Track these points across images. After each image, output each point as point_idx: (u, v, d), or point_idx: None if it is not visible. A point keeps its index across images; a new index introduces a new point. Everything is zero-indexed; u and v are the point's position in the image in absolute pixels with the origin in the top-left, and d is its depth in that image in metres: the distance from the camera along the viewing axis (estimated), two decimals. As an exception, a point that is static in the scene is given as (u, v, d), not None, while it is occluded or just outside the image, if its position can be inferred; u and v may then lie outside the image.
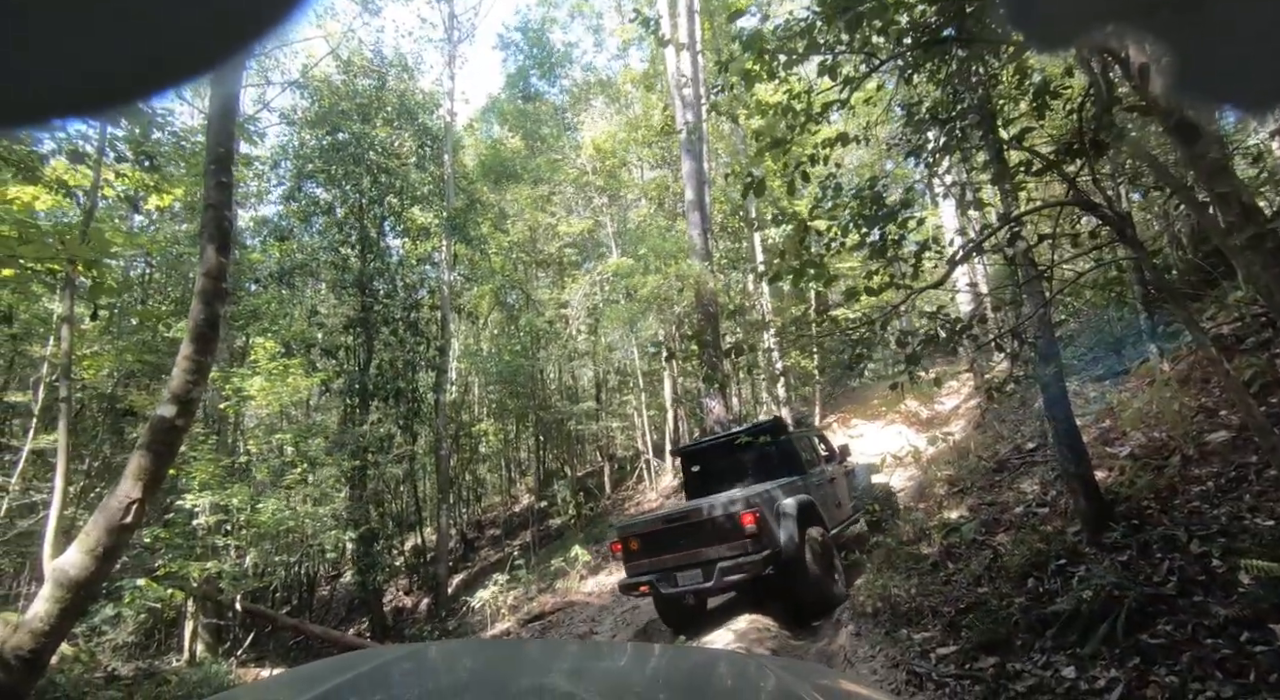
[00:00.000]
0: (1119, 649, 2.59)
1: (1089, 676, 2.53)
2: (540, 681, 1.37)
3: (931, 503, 6.76)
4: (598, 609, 8.33)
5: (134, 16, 0.26)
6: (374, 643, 13.26)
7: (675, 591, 5.69)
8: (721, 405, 12.00)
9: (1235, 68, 0.30)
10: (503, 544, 18.56)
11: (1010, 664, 2.86)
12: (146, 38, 0.26)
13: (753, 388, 21.22)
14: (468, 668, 1.54)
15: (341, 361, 14.27)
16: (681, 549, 5.63)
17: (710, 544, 5.47)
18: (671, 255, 11.57)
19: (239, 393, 7.29)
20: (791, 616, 5.44)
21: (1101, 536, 3.57)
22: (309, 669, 1.79)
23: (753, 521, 5.27)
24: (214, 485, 6.99)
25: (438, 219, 15.78)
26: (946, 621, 3.63)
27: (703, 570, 5.43)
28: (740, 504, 5.44)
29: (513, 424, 19.24)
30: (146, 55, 0.27)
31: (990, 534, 5.08)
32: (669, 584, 5.67)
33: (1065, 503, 4.81)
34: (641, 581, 5.86)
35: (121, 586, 6.16)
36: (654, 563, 5.83)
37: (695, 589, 5.57)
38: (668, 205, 17.42)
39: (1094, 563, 3.40)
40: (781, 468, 6.50)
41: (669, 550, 5.72)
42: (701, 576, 5.42)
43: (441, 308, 15.68)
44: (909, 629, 3.80)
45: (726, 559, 5.30)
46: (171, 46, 0.27)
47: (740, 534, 5.30)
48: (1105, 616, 2.73)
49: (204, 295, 3.84)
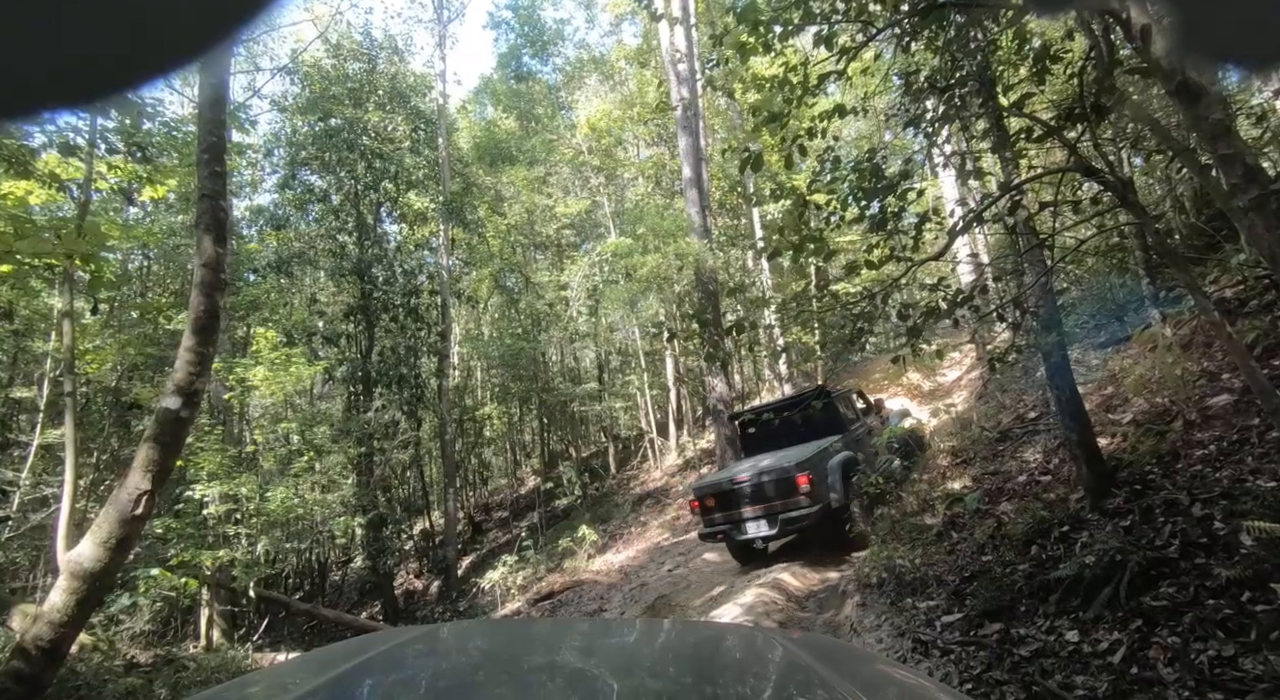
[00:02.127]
0: (1122, 612, 2.62)
1: (1092, 640, 2.56)
2: (552, 660, 1.38)
3: (935, 474, 6.80)
4: (606, 587, 8.44)
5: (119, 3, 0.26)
6: (386, 625, 13.48)
7: (745, 538, 6.89)
8: (724, 383, 12.02)
9: (1238, 26, 0.29)
10: (510, 526, 18.76)
11: (1014, 629, 2.90)
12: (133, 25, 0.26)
13: (754, 365, 21.25)
14: (480, 648, 1.55)
15: (343, 349, 14.28)
16: (749, 504, 6.76)
17: (773, 500, 6.55)
18: (670, 233, 11.51)
19: (243, 383, 7.31)
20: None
21: (1104, 503, 3.60)
22: (324, 652, 1.81)
23: (807, 482, 6.30)
24: (222, 475, 7.04)
25: (434, 203, 15.68)
26: (951, 590, 3.67)
27: (768, 521, 6.58)
28: (796, 467, 6.41)
29: (516, 407, 19.31)
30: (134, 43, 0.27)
31: (994, 503, 5.12)
32: (740, 532, 6.88)
33: (1068, 470, 4.84)
34: (718, 531, 7.07)
35: (136, 576, 6.25)
36: (726, 515, 6.96)
37: (762, 536, 6.75)
38: (665, 184, 17.28)
39: (1096, 528, 3.43)
40: (827, 427, 7.29)
41: (738, 505, 6.86)
42: (767, 526, 6.59)
43: (441, 293, 15.64)
44: (914, 598, 3.85)
45: (787, 512, 6.38)
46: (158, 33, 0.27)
47: (797, 491, 6.34)
48: (1108, 581, 2.76)
49: (203, 286, 3.83)
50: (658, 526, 11.22)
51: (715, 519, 7.08)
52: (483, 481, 25.14)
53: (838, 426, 7.35)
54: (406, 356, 14.84)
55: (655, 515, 12.12)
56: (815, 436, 7.17)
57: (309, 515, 8.05)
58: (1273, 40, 0.30)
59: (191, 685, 4.81)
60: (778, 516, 6.44)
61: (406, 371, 14.37)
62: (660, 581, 7.65)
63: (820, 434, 7.18)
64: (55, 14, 0.24)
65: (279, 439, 7.99)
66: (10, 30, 0.25)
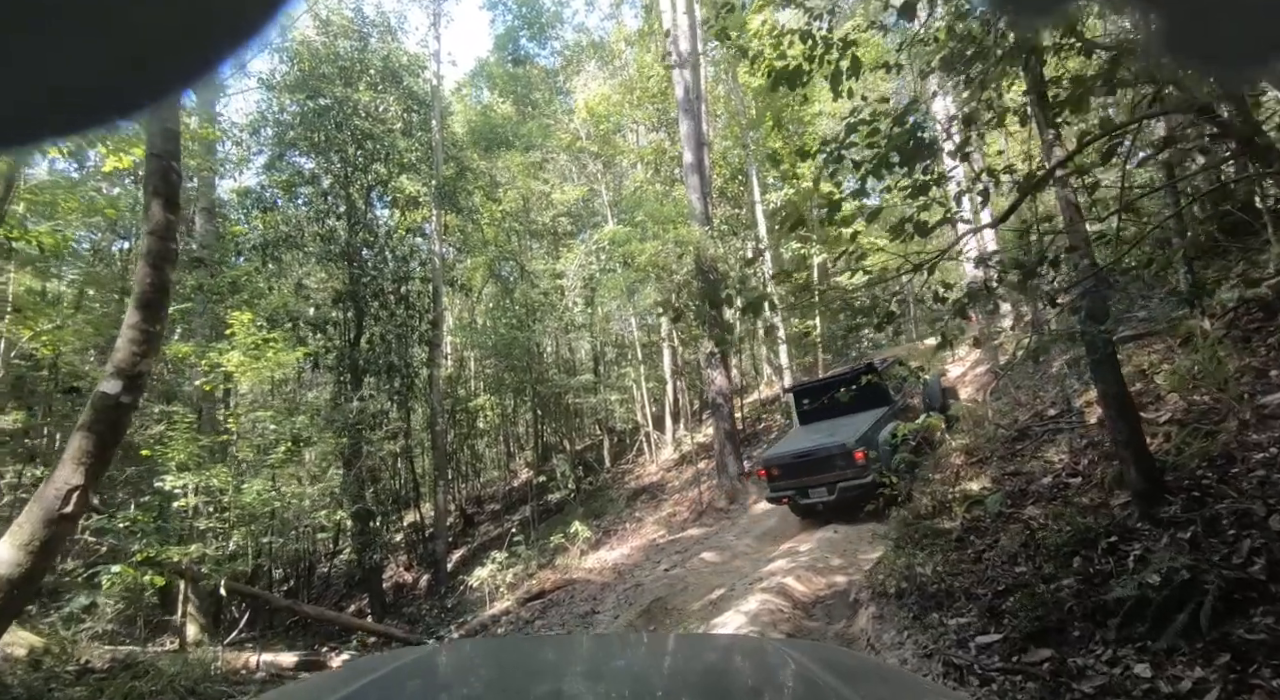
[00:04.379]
0: (1202, 644, 2.25)
1: (1169, 676, 2.19)
2: (559, 687, 1.33)
3: (948, 473, 6.43)
4: (599, 587, 8.08)
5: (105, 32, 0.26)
6: (371, 621, 13.11)
7: (808, 502, 7.89)
8: (724, 376, 11.65)
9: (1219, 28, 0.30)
10: (502, 519, 18.39)
11: (1069, 658, 2.53)
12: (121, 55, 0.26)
13: (753, 359, 20.88)
14: (482, 674, 1.48)
15: (331, 336, 13.83)
16: (810, 474, 7.71)
17: (832, 470, 7.46)
18: (670, 220, 11.09)
19: (216, 368, 6.88)
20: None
21: (1156, 511, 3.22)
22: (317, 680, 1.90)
23: (862, 457, 7.20)
24: (192, 466, 6.63)
25: (427, 188, 15.19)
26: (984, 606, 3.30)
27: (827, 488, 7.53)
28: (854, 444, 7.31)
29: (510, 398, 18.89)
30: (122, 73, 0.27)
31: (1018, 507, 4.75)
32: (803, 497, 7.90)
33: (1101, 473, 4.47)
34: (783, 496, 8.15)
35: (98, 573, 5.84)
36: (790, 483, 8.00)
37: (822, 501, 7.68)
38: (665, 171, 16.82)
39: (1150, 540, 3.06)
40: (876, 399, 7.99)
41: (801, 475, 7.85)
42: (827, 492, 7.55)
43: (433, 280, 15.19)
44: (940, 613, 3.47)
45: (845, 481, 7.26)
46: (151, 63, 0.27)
47: (854, 464, 7.25)
48: (1180, 605, 2.39)
49: (151, 257, 3.41)
50: (653, 523, 10.87)
51: (780, 485, 8.14)
52: (475, 474, 24.76)
53: (885, 398, 8.08)
54: (397, 345, 14.41)
55: (651, 511, 11.76)
56: (866, 408, 7.95)
57: (287, 508, 7.62)
58: (1254, 42, 0.30)
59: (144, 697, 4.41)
60: (836, 485, 7.36)
61: (396, 360, 13.94)
62: (656, 582, 7.29)
63: (871, 406, 7.93)
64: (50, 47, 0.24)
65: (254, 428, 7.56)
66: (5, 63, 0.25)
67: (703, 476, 11.68)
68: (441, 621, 11.11)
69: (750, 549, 8.27)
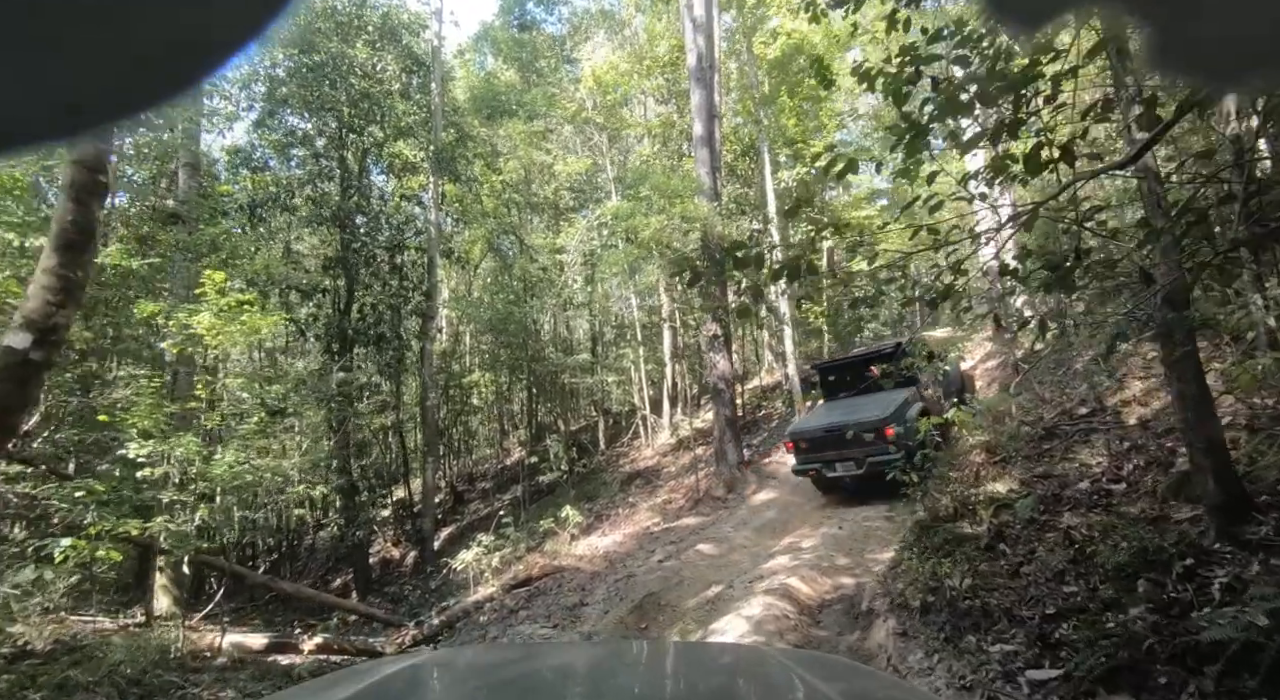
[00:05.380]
0: (1341, 708, 1.82)
1: (1300, 749, 1.76)
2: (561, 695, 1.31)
3: (968, 472, 5.99)
4: (589, 576, 7.67)
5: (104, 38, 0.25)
6: (355, 598, 12.76)
7: (835, 475, 8.12)
8: (726, 360, 11.19)
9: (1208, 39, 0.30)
10: (493, 498, 18.03)
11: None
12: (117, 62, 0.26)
13: (754, 345, 20.41)
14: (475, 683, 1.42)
15: (320, 305, 13.31)
16: (838, 448, 7.78)
17: (862, 445, 7.48)
18: (677, 194, 10.52)
19: (185, 330, 6.37)
20: None
21: (1240, 530, 2.77)
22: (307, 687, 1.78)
23: (893, 433, 7.40)
24: (156, 433, 6.15)
25: (425, 153, 14.56)
26: (1032, 631, 2.85)
27: (855, 462, 7.73)
28: (885, 420, 7.50)
29: (505, 375, 18.41)
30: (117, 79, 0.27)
31: (1052, 513, 4.31)
32: (829, 470, 8.11)
33: (1152, 481, 4.02)
34: (810, 469, 8.33)
35: (47, 545, 5.40)
36: (817, 456, 8.19)
37: (850, 475, 7.92)
38: (673, 145, 16.19)
39: (1236, 565, 2.61)
40: (900, 379, 7.98)
41: (829, 448, 7.99)
42: (855, 466, 7.77)
43: (428, 250, 14.61)
44: (978, 636, 3.03)
45: (874, 456, 7.35)
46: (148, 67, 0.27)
47: (885, 440, 7.43)
48: (1303, 653, 1.95)
49: (74, 189, 2.90)
50: (647, 509, 10.46)
51: (808, 458, 8.28)
52: (468, 451, 24.40)
53: (911, 378, 8.09)
54: (388, 316, 13.89)
55: (645, 497, 11.36)
56: (892, 387, 8.05)
57: (260, 482, 7.17)
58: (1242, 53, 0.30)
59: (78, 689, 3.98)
60: (866, 459, 7.49)
61: (387, 331, 13.43)
62: (649, 574, 6.88)
63: (897, 385, 8.00)
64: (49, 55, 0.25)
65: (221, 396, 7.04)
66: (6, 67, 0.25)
67: (700, 463, 11.26)
68: (425, 602, 10.74)
69: (749, 542, 7.86)
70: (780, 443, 12.60)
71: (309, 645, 7.20)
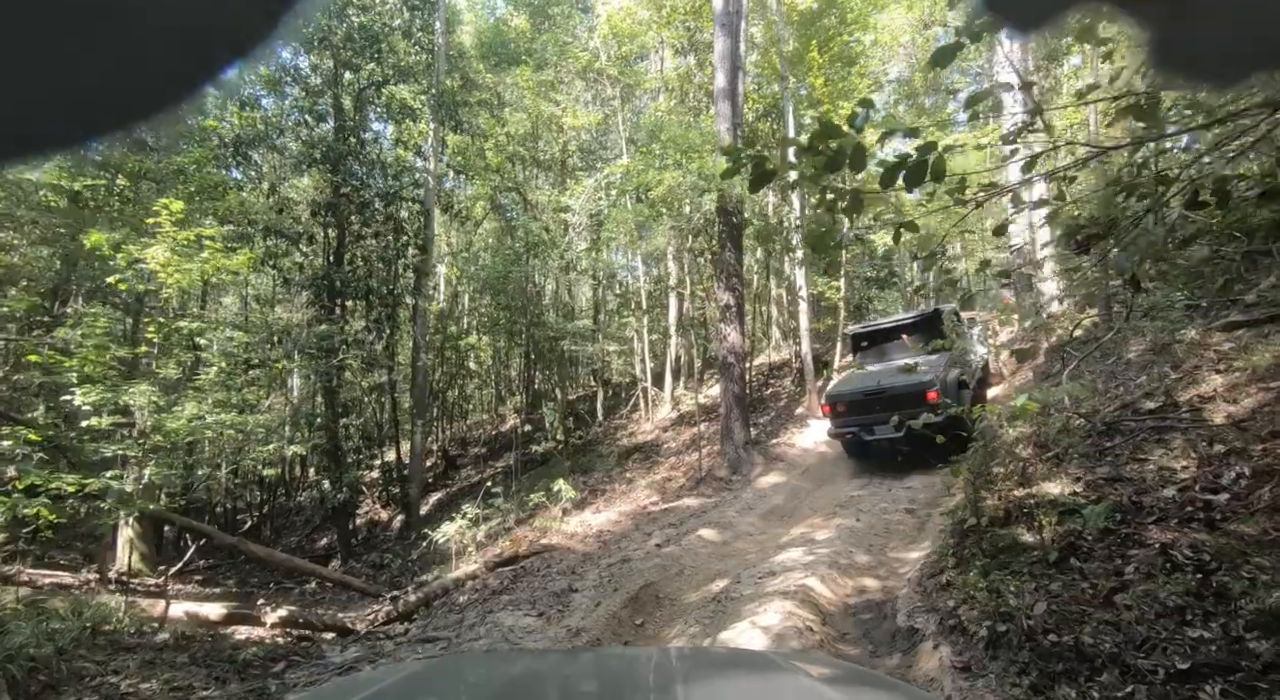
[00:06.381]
0: None
1: None
2: None
3: (1013, 467, 5.30)
4: (580, 558, 7.06)
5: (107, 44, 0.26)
6: (336, 562, 12.26)
7: (872, 439, 8.05)
8: (738, 332, 10.45)
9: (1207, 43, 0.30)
10: (485, 464, 17.48)
11: None
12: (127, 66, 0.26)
13: (763, 321, 19.62)
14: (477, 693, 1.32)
15: (306, 253, 12.53)
16: (877, 411, 7.71)
17: (901, 409, 6.94)
18: (694, 149, 9.66)
19: (135, 265, 5.62)
20: None
21: None
22: None
23: (936, 398, 7.21)
24: (99, 378, 5.46)
25: (427, 96, 13.60)
26: (1158, 692, 2.17)
27: (894, 426, 7.59)
28: (926, 384, 7.44)
29: (503, 339, 17.70)
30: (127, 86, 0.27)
31: (1134, 526, 3.62)
32: (867, 433, 8.05)
33: (1273, 494, 3.32)
34: (846, 432, 8.30)
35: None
36: (854, 420, 8.16)
37: (888, 438, 7.78)
38: (691, 101, 15.19)
39: None
40: None
41: (867, 413, 7.96)
42: (894, 430, 7.22)
43: (425, 201, 13.76)
44: (1076, 688, 2.36)
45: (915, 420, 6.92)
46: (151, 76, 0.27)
47: (926, 403, 7.14)
48: None
49: None
50: (645, 486, 9.84)
51: (845, 422, 8.24)
52: (463, 415, 23.86)
53: (946, 346, 8.10)
54: (382, 268, 13.13)
55: (643, 473, 10.74)
56: (925, 353, 8.06)
57: (224, 437, 6.50)
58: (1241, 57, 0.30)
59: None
60: (905, 423, 7.11)
61: (378, 285, 12.68)
62: (647, 561, 6.25)
63: (933, 351, 7.86)
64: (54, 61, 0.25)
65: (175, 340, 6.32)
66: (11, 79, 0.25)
67: (702, 441, 10.62)
68: (406, 572, 10.21)
69: (755, 529, 7.24)
70: (789, 423, 11.94)
71: (271, 618, 6.61)
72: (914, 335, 8.82)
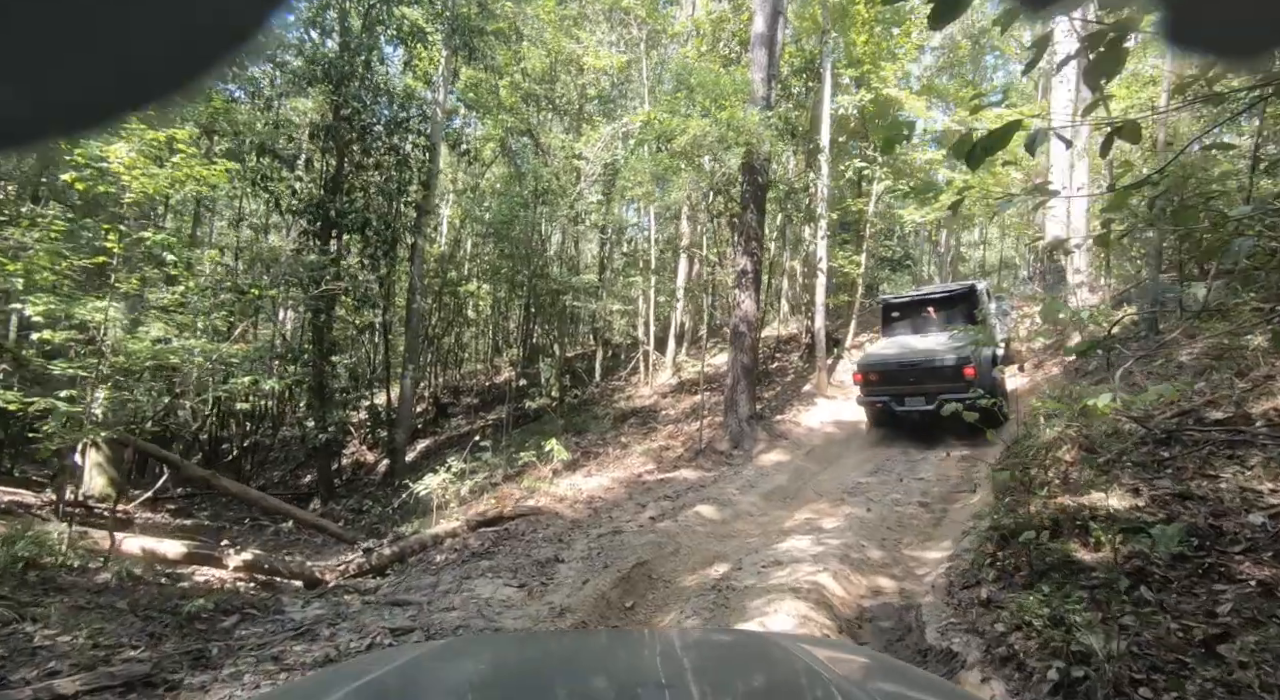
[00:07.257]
0: None
1: None
2: None
3: (1055, 472, 4.80)
4: (569, 524, 6.62)
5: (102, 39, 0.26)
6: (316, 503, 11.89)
7: (903, 410, 7.95)
8: (753, 300, 9.86)
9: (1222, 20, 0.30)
10: (476, 416, 17.06)
11: None
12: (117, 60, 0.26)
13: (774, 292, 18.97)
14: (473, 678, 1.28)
15: (303, 179, 11.78)
16: (911, 383, 7.82)
17: (936, 382, 7.49)
18: (725, 96, 8.88)
19: (95, 164, 4.98)
20: None
21: None
22: None
23: (973, 373, 7.22)
24: (48, 288, 4.88)
25: (440, 19, 12.63)
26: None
27: (926, 398, 7.57)
28: (963, 359, 7.39)
29: (504, 289, 17.05)
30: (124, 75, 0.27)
31: (1214, 553, 3.14)
32: (898, 404, 7.99)
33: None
34: (877, 401, 8.24)
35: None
36: (886, 389, 8.11)
37: (920, 410, 7.68)
38: (722, 48, 14.22)
39: None
40: (967, 319, 8.30)
41: (900, 383, 7.98)
42: (925, 402, 7.59)
43: (431, 135, 12.94)
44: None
45: (948, 393, 6.80)
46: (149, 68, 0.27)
47: (961, 378, 7.27)
48: None
49: None
50: (641, 453, 9.39)
51: (876, 391, 8.21)
52: (457, 363, 23.38)
53: (975, 320, 8.09)
54: (381, 202, 12.41)
55: (639, 439, 10.28)
56: (956, 325, 8.13)
57: (189, 362, 5.95)
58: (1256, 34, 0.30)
59: None
60: (938, 396, 7.03)
61: (376, 220, 11.97)
62: (640, 536, 5.80)
63: (961, 324, 8.01)
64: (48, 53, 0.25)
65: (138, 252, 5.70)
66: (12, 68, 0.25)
67: (704, 411, 10.13)
68: (385, 520, 9.83)
69: (756, 509, 6.79)
70: (795, 400, 11.45)
71: (234, 560, 6.19)
72: (948, 309, 8.84)
